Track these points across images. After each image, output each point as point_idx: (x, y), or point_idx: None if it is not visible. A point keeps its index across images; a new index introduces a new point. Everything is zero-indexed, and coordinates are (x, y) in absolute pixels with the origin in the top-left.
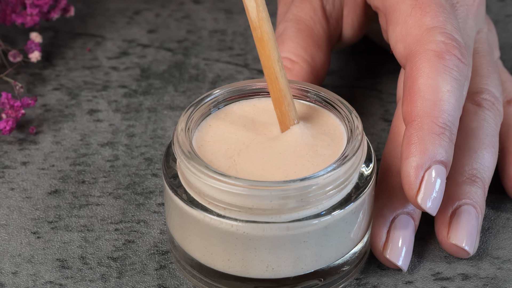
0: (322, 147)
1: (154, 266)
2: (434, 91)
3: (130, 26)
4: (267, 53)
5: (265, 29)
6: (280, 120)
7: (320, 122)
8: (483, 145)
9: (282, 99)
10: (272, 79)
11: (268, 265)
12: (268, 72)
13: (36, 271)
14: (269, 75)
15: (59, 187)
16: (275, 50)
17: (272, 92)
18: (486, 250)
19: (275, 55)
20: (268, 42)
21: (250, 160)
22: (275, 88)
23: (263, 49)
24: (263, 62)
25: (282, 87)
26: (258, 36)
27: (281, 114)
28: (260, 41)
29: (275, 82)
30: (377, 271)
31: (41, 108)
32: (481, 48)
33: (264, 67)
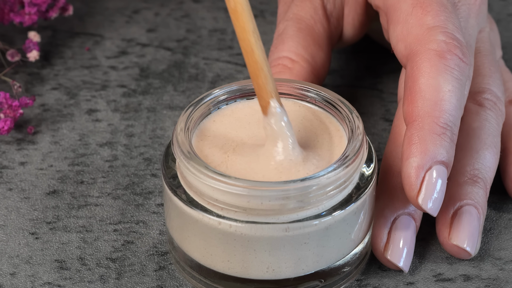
0: (321, 150)
1: (153, 267)
2: (435, 91)
3: (129, 25)
4: (242, 24)
5: (239, 0)
6: (258, 94)
7: (320, 122)
8: (484, 145)
9: (259, 72)
10: (247, 51)
11: (268, 266)
12: (243, 44)
13: (34, 272)
14: (244, 47)
15: (57, 188)
16: (250, 21)
17: (249, 65)
18: (488, 251)
19: (250, 26)
20: (242, 13)
21: (242, 157)
22: (250, 61)
23: (237, 21)
24: (238, 34)
25: (258, 59)
26: (232, 7)
27: (258, 87)
28: (234, 12)
29: (250, 54)
30: (378, 272)
31: (39, 107)
32: (483, 48)
33: (239, 39)
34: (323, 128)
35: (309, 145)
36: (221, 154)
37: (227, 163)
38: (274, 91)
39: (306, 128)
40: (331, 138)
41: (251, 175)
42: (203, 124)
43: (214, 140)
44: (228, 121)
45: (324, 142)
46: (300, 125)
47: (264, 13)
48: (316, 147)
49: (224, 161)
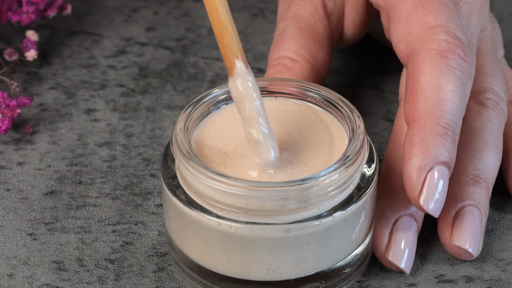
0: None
1: (152, 268)
2: (436, 91)
3: (128, 24)
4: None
5: None
6: (223, 54)
7: (321, 122)
8: (486, 145)
9: (224, 31)
10: (212, 11)
11: (268, 267)
12: (208, 3)
13: (32, 273)
14: (208, 6)
15: (55, 188)
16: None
17: (213, 25)
18: (490, 252)
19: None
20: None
21: (242, 157)
22: (215, 20)
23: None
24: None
25: (223, 19)
26: None
27: (223, 48)
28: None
29: (215, 14)
30: (379, 273)
31: (37, 107)
32: (485, 47)
33: None
34: (324, 128)
35: (310, 145)
36: (220, 154)
37: (227, 163)
38: (240, 51)
39: (306, 128)
40: (332, 138)
41: (251, 175)
42: (202, 124)
43: (213, 140)
44: (228, 121)
45: (324, 142)
46: (301, 124)
47: (264, 12)
48: (316, 147)
49: (224, 161)
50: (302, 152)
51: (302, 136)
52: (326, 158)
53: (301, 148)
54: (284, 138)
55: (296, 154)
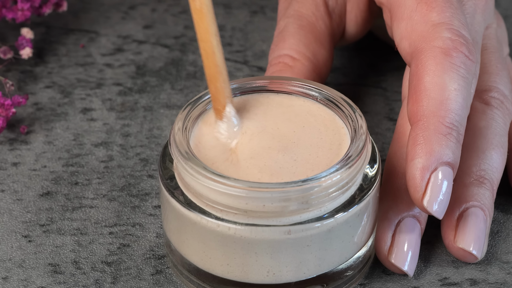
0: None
1: (150, 271)
2: (440, 90)
3: (125, 22)
4: (205, 26)
5: (205, 1)
6: (215, 97)
7: (322, 121)
8: (491, 145)
9: (218, 75)
10: (208, 54)
11: (268, 270)
12: (205, 46)
13: (28, 276)
14: (205, 49)
15: (51, 189)
16: (213, 23)
17: (208, 68)
18: (495, 254)
19: (213, 29)
20: (206, 15)
21: (242, 158)
22: (211, 63)
23: (201, 21)
24: (200, 35)
25: (219, 63)
26: (197, 7)
27: (215, 91)
28: (198, 12)
29: (211, 56)
30: (382, 276)
31: (32, 106)
32: (490, 44)
33: (200, 40)
34: (327, 125)
35: (312, 143)
36: (220, 155)
37: (226, 164)
38: (230, 96)
39: (310, 124)
40: (333, 137)
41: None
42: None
43: (213, 140)
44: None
45: (326, 140)
46: (305, 120)
47: (265, 9)
48: (319, 145)
49: (223, 162)
50: (305, 150)
51: (305, 133)
52: (330, 156)
53: (305, 145)
54: (288, 135)
55: (300, 152)
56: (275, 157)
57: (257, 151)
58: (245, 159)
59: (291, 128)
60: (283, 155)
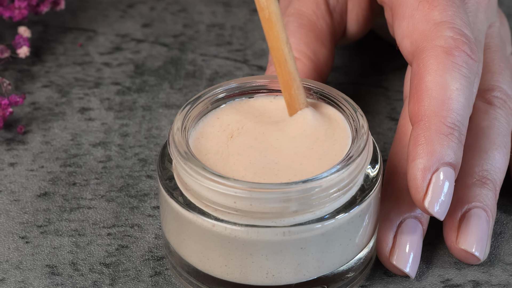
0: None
1: (149, 272)
2: (442, 90)
3: (124, 20)
4: (276, 34)
5: (273, 9)
6: (289, 104)
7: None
8: (494, 145)
9: (292, 82)
10: (281, 62)
11: (268, 272)
12: (277, 54)
13: (25, 278)
14: (277, 57)
15: (48, 190)
16: (283, 31)
17: (281, 75)
18: (498, 255)
19: (283, 37)
20: (276, 23)
21: (241, 158)
22: (284, 71)
23: (271, 30)
24: (271, 44)
25: (291, 70)
26: (266, 16)
27: (290, 97)
28: (268, 22)
29: (284, 64)
30: (384, 278)
31: (29, 106)
32: (493, 43)
33: (272, 49)
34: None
35: (312, 143)
36: (215, 147)
37: (216, 157)
38: (305, 102)
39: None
40: (334, 136)
41: (250, 177)
42: (200, 123)
43: (212, 139)
44: (227, 118)
45: (327, 140)
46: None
47: None
48: (320, 145)
49: (213, 155)
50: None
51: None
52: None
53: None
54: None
55: (282, 156)
56: (258, 156)
57: (243, 148)
58: (233, 154)
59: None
60: (265, 156)
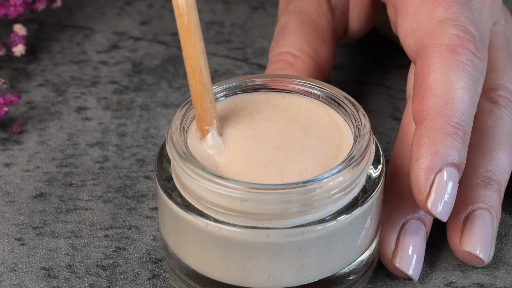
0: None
1: (147, 275)
2: (446, 88)
3: (121, 18)
4: (193, 43)
5: (192, 17)
6: (200, 117)
7: (320, 119)
8: (498, 145)
9: (205, 94)
10: (195, 72)
11: (269, 274)
12: (192, 63)
13: (20, 281)
14: (192, 67)
15: (44, 190)
16: (201, 40)
17: (194, 86)
18: (502, 258)
19: (200, 46)
20: (195, 32)
21: (241, 158)
22: (197, 82)
23: (188, 39)
24: (187, 52)
25: (205, 82)
26: (185, 24)
27: (201, 110)
28: (186, 29)
29: (198, 75)
30: (386, 280)
31: (25, 105)
32: (497, 41)
33: (187, 58)
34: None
35: (313, 143)
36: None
37: (225, 165)
38: (216, 117)
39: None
40: (335, 136)
41: (250, 178)
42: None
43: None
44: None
45: (328, 140)
46: (304, 118)
47: (265, 4)
48: (321, 145)
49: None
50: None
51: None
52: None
53: (311, 145)
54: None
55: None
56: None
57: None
58: (232, 154)
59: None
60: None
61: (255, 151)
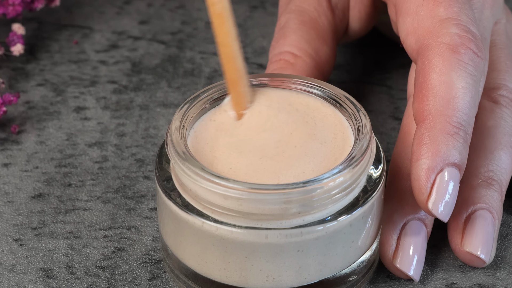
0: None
1: (146, 275)
2: (447, 88)
3: (120, 17)
4: (226, 30)
5: (224, 4)
6: (236, 101)
7: (326, 119)
8: (500, 145)
9: (240, 80)
10: (229, 58)
11: (268, 275)
12: (226, 50)
13: (19, 281)
14: (226, 53)
15: (43, 191)
16: (233, 27)
17: (229, 72)
18: (504, 258)
19: (233, 33)
20: (227, 19)
21: (241, 158)
22: (232, 68)
23: (222, 26)
24: (221, 39)
25: (240, 67)
26: (217, 12)
27: (237, 95)
28: (219, 17)
29: (233, 61)
30: (387, 281)
31: (24, 105)
32: (499, 41)
33: (221, 45)
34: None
35: (313, 144)
36: (211, 141)
37: (225, 165)
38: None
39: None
40: (336, 136)
41: (249, 177)
42: (199, 123)
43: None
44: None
45: (327, 140)
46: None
47: (265, 4)
48: (322, 145)
49: (221, 162)
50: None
51: (313, 130)
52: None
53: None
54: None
55: (308, 151)
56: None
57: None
58: (232, 154)
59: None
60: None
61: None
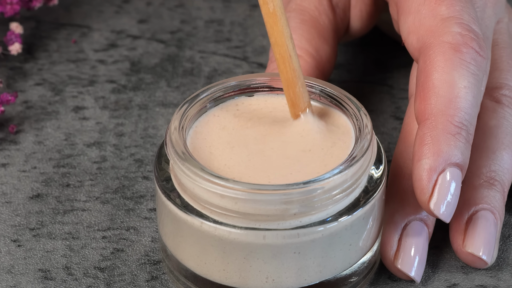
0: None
1: (145, 277)
2: (449, 87)
3: (119, 16)
4: (280, 29)
5: (277, 3)
6: (293, 103)
7: (326, 120)
8: (502, 145)
9: (296, 80)
10: (285, 58)
11: (268, 276)
12: (281, 50)
13: (17, 283)
14: (281, 53)
15: (41, 191)
16: (287, 26)
17: (284, 72)
18: (506, 259)
19: (287, 32)
20: (280, 18)
21: (241, 158)
22: (288, 68)
23: (275, 25)
24: (275, 39)
25: (296, 66)
26: (270, 10)
27: (294, 96)
28: (272, 16)
29: (288, 61)
30: (388, 282)
31: (22, 105)
32: (501, 40)
33: (275, 45)
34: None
35: (313, 145)
36: (217, 155)
37: (225, 164)
38: (309, 101)
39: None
40: (338, 137)
41: (249, 178)
42: (198, 123)
43: (210, 139)
44: (226, 117)
45: (328, 140)
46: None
47: None
48: (323, 145)
49: (221, 162)
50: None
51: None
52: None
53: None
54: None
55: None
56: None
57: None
58: (231, 154)
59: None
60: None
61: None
